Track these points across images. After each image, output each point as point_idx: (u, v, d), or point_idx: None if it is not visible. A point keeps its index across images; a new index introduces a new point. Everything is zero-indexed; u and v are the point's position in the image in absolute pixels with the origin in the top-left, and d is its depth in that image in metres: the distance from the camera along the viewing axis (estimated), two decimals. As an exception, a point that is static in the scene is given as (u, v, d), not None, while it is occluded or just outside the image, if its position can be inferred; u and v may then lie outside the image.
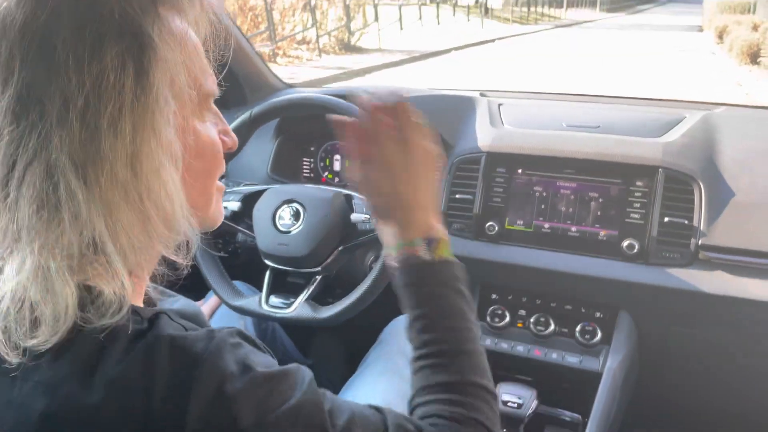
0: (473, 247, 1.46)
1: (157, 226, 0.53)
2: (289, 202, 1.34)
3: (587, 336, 1.39)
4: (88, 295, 0.50)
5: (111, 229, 0.50)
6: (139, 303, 0.61)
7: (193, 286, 1.07)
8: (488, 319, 1.48)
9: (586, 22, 25.35)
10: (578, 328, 1.40)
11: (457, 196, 1.48)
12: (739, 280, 1.26)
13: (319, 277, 1.34)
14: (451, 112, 1.63)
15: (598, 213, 1.39)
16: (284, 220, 1.32)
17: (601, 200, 1.39)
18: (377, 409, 0.61)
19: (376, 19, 14.60)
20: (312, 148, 1.73)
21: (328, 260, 1.32)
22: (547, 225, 1.42)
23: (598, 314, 1.41)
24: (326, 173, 1.73)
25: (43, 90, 0.48)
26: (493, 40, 17.39)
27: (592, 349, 1.38)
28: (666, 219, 1.31)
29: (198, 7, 0.59)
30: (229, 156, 0.73)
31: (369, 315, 1.26)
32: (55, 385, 0.49)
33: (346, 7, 13.28)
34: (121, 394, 0.48)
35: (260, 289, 1.39)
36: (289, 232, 1.31)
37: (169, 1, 0.55)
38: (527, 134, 1.50)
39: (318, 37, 12.58)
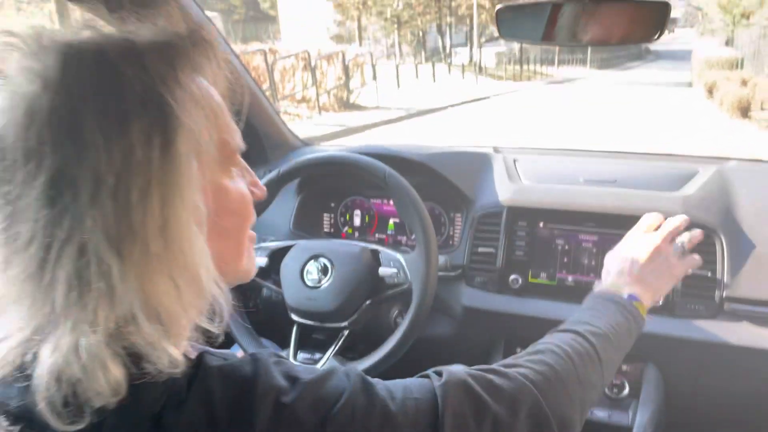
0: (497, 301, 1.47)
1: (188, 294, 0.54)
2: (316, 257, 1.36)
3: (615, 390, 1.39)
4: (138, 357, 0.51)
5: (144, 302, 0.50)
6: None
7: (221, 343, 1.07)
8: (513, 373, 1.47)
9: (578, 79, 26.04)
10: (605, 382, 1.39)
11: (480, 249, 1.50)
12: (765, 332, 1.27)
13: (346, 332, 1.35)
14: (469, 168, 1.67)
15: (621, 265, 1.41)
16: (312, 275, 1.33)
17: (622, 253, 1.41)
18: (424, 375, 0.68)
19: (374, 77, 14.99)
20: (332, 204, 1.76)
21: (355, 315, 1.33)
22: (570, 278, 1.44)
23: (625, 367, 1.41)
24: (346, 228, 1.75)
25: (75, 171, 0.48)
26: (488, 97, 17.82)
27: (620, 403, 1.38)
28: (690, 271, 1.33)
29: (215, 64, 0.59)
30: (257, 210, 0.76)
31: (395, 371, 1.26)
32: None
33: (345, 67, 13.65)
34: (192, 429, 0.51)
35: (285, 346, 1.39)
36: (318, 287, 1.32)
37: (188, 63, 0.55)
38: (546, 189, 1.53)
39: (318, 95, 12.88)
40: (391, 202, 1.68)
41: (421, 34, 27.95)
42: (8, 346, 0.50)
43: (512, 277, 1.46)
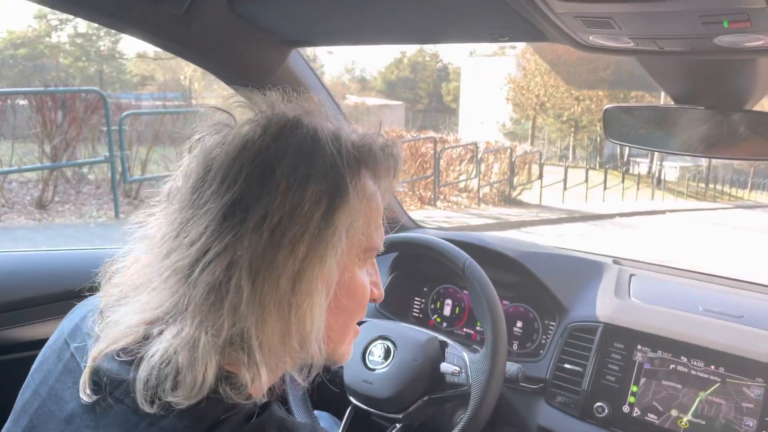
0: (578, 428, 1.30)
1: (294, 340, 0.61)
2: (383, 338, 1.31)
3: None
4: (225, 375, 0.58)
5: (258, 328, 0.58)
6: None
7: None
8: None
9: (773, 205, 23.44)
10: None
11: (566, 366, 1.35)
12: None
13: (399, 425, 1.27)
14: (574, 275, 1.54)
15: (731, 417, 1.18)
16: (374, 356, 1.29)
17: (734, 403, 1.18)
18: None
19: (540, 176, 14.79)
20: (425, 289, 1.72)
21: (411, 408, 1.24)
22: (667, 417, 1.23)
23: None
24: (435, 316, 1.68)
25: (252, 201, 0.60)
26: (663, 212, 16.63)
27: None
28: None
29: (392, 177, 0.72)
30: None
31: None
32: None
33: (511, 163, 13.67)
34: None
35: (339, 420, 1.34)
36: (376, 369, 1.27)
37: (371, 167, 0.68)
38: (656, 311, 1.35)
39: (480, 186, 12.98)
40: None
41: (598, 140, 27.32)
42: (142, 318, 0.60)
43: (598, 404, 1.29)
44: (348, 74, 45.29)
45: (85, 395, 0.59)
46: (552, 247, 1.75)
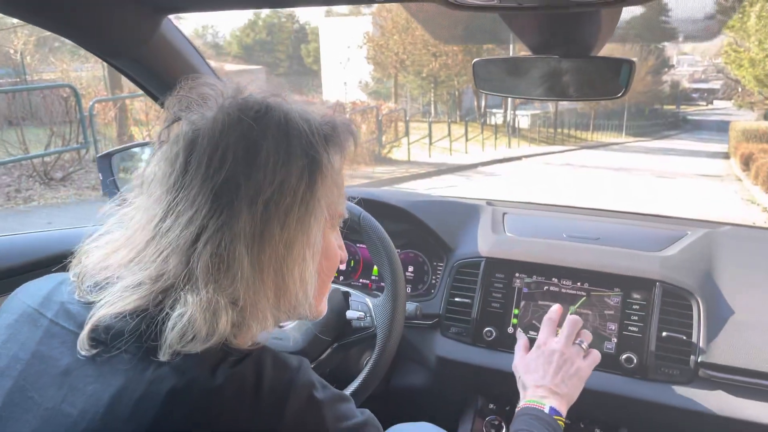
0: (470, 353, 1.45)
1: (290, 298, 0.71)
2: (287, 296, 1.36)
3: (586, 453, 1.33)
4: (233, 326, 0.66)
5: (260, 289, 0.67)
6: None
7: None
8: (484, 429, 1.43)
9: (612, 144, 25.97)
10: (576, 444, 1.34)
11: (456, 299, 1.49)
12: (740, 402, 1.22)
13: (311, 374, 1.33)
14: (456, 218, 1.67)
15: (596, 324, 1.37)
16: (281, 313, 1.34)
17: (599, 311, 1.38)
18: None
19: (407, 133, 15.22)
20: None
21: (322, 357, 1.31)
22: (544, 333, 1.41)
23: (597, 431, 1.36)
24: (331, 272, 1.76)
25: (244, 179, 0.67)
26: (520, 158, 17.86)
27: (591, 468, 1.32)
28: (664, 334, 1.30)
29: (353, 150, 0.81)
30: None
31: None
32: (184, 370, 0.62)
33: (378, 122, 13.92)
34: (238, 383, 0.62)
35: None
36: (285, 325, 1.32)
37: (337, 143, 0.76)
38: (527, 242, 1.52)
39: (349, 147, 13.12)
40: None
41: (457, 93, 28.42)
42: (150, 288, 0.66)
43: (487, 329, 1.44)
44: (200, 39, 43.05)
45: (84, 350, 0.65)
46: (433, 195, 1.88)
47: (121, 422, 0.60)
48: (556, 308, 1.19)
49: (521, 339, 1.21)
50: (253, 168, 0.67)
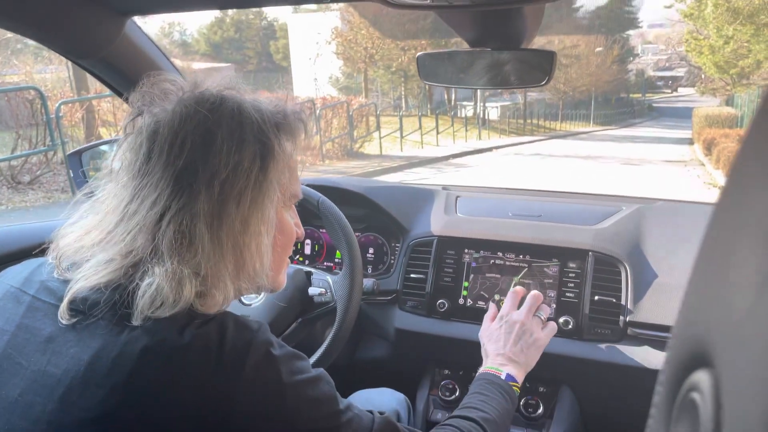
0: (426, 324, 1.57)
1: (248, 269, 0.79)
2: (253, 277, 1.46)
3: (530, 410, 1.47)
4: (197, 294, 0.74)
5: (219, 262, 0.75)
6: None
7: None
8: (440, 393, 1.56)
9: (580, 133, 26.43)
10: (522, 402, 1.47)
11: (412, 275, 1.61)
12: (663, 355, 1.36)
13: (277, 348, 1.44)
14: (412, 202, 1.80)
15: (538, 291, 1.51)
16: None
17: (539, 281, 1.51)
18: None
19: (378, 128, 15.33)
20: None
21: (287, 332, 1.42)
22: (491, 302, 1.54)
23: (541, 389, 1.49)
24: (297, 256, 1.87)
25: (201, 164, 0.75)
26: (490, 149, 18.11)
27: (535, 423, 1.46)
28: (596, 297, 1.43)
29: (303, 137, 0.88)
30: None
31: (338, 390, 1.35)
32: (155, 331, 0.70)
33: (349, 117, 14.00)
34: (204, 341, 0.70)
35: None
36: (252, 304, 1.42)
37: (287, 130, 0.84)
38: (475, 221, 1.65)
39: (322, 143, 13.18)
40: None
41: (427, 87, 28.57)
42: (120, 263, 0.74)
43: (440, 301, 1.57)
44: (167, 38, 42.50)
45: (65, 319, 0.73)
46: (391, 182, 1.99)
47: (100, 377, 0.68)
48: (536, 293, 1.30)
49: (491, 310, 1.32)
50: (209, 154, 0.75)
